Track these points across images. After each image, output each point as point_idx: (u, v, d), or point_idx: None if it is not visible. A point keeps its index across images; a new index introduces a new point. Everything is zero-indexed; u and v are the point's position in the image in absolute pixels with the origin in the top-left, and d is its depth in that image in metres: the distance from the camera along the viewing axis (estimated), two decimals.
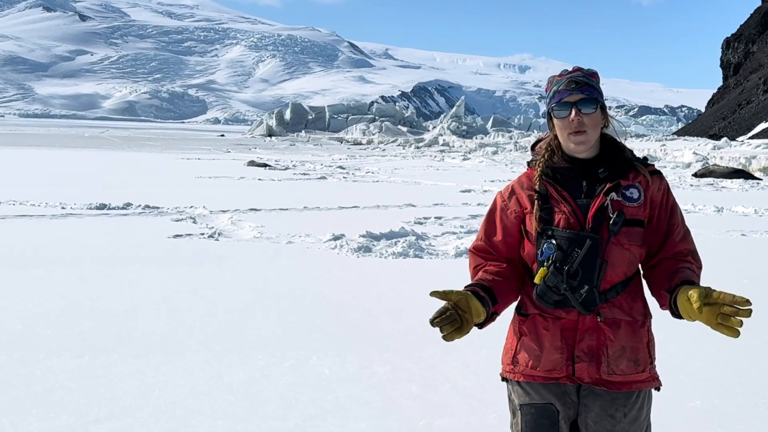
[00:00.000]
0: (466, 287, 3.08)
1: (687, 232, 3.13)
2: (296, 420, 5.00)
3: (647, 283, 3.11)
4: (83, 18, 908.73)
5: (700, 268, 3.09)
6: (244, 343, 6.67)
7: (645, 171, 3.08)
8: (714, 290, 2.74)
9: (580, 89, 3.00)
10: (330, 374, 5.92)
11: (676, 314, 2.89)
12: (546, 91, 3.15)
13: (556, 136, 3.12)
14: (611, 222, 2.92)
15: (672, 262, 3.02)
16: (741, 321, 2.67)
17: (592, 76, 3.06)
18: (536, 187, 3.09)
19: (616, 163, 3.06)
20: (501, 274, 3.12)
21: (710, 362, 6.39)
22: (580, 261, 2.90)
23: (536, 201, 3.06)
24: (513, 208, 3.16)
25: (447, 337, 2.91)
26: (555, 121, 3.06)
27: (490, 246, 3.21)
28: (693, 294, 2.74)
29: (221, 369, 5.98)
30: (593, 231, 2.94)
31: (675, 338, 6.52)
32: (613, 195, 2.96)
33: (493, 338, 6.93)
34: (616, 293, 2.99)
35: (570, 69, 3.11)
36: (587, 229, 2.95)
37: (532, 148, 3.26)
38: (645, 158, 3.15)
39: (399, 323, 7.50)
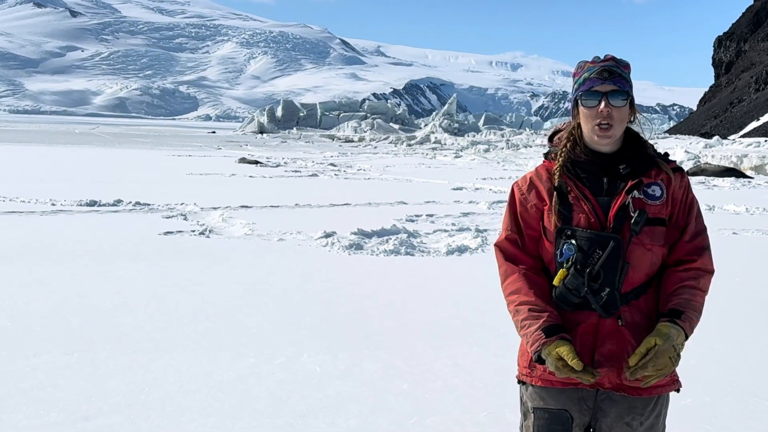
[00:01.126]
0: (553, 332, 2.88)
1: (702, 229, 3.00)
2: (286, 418, 4.98)
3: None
4: (74, 14, 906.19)
5: (707, 271, 2.95)
6: (234, 341, 6.65)
7: (667, 168, 2.97)
8: (654, 349, 2.77)
9: (613, 80, 2.87)
10: (321, 372, 5.90)
11: None
12: (574, 76, 3.00)
13: (578, 125, 2.99)
14: (633, 222, 2.82)
15: (675, 277, 2.92)
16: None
17: (625, 67, 2.94)
18: (555, 181, 2.97)
19: (638, 159, 2.95)
20: (546, 294, 2.98)
21: (701, 361, 6.39)
22: (602, 263, 2.80)
23: (555, 197, 2.94)
24: (533, 202, 3.04)
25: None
26: (581, 109, 2.93)
27: (521, 240, 3.06)
28: (640, 348, 2.80)
29: (211, 366, 5.95)
30: (614, 231, 2.83)
31: None
32: (635, 193, 2.87)
33: (485, 337, 6.94)
34: (637, 295, 2.89)
35: (602, 57, 2.95)
36: (608, 229, 2.84)
37: (550, 139, 3.14)
38: (666, 154, 3.06)
39: (390, 321, 7.48)
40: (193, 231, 13.12)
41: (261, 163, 37.44)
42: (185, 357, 6.17)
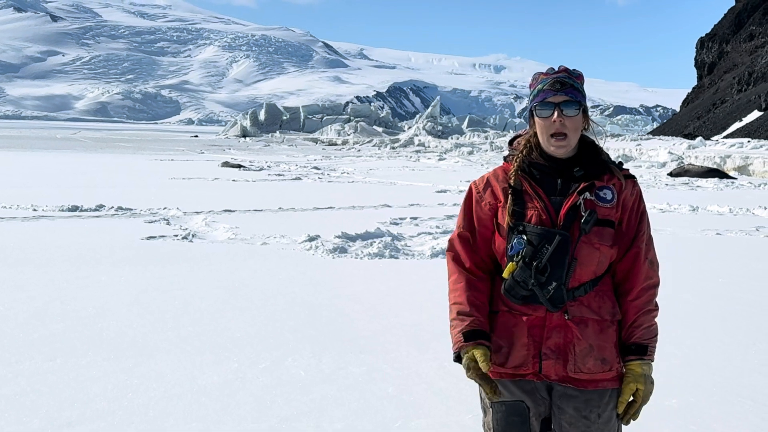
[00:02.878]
0: (472, 337, 3.04)
1: (650, 239, 3.16)
2: (271, 422, 4.96)
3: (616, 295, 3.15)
4: (54, 18, 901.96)
5: (657, 285, 3.13)
6: (218, 345, 6.62)
7: (620, 174, 3.11)
8: (638, 394, 3.03)
9: (565, 91, 3.01)
10: (305, 375, 5.88)
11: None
12: (530, 87, 3.14)
13: (535, 134, 3.12)
14: (583, 221, 2.94)
15: (633, 307, 3.08)
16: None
17: (578, 78, 3.08)
18: (511, 181, 3.09)
19: (592, 164, 3.08)
20: (485, 296, 3.13)
21: (685, 361, 6.41)
22: (548, 257, 2.92)
23: (510, 195, 3.06)
24: (488, 200, 3.16)
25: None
26: (536, 119, 3.06)
27: (471, 237, 3.19)
28: (624, 395, 3.04)
29: (195, 371, 5.92)
30: (564, 228, 2.96)
31: None
32: (587, 194, 2.99)
33: None
34: (585, 292, 3.01)
35: (556, 68, 3.09)
36: (559, 226, 2.96)
37: (510, 143, 3.26)
38: (621, 163, 3.18)
39: (374, 324, 7.47)
40: (176, 235, 13.07)
41: (244, 166, 37.39)
42: (168, 362, 6.13)
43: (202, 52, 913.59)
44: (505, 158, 3.24)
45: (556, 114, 2.98)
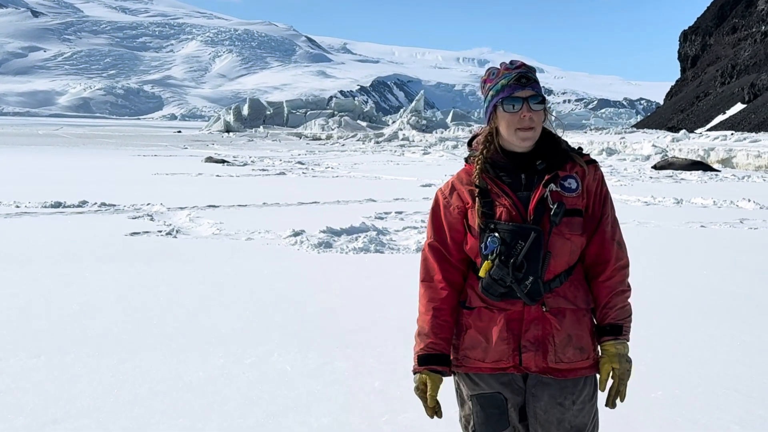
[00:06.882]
0: (425, 362, 3.20)
1: (615, 221, 3.22)
2: (257, 417, 4.95)
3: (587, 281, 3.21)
4: (36, 14, 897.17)
5: (627, 266, 3.20)
6: (204, 341, 6.60)
7: (581, 161, 3.15)
8: (615, 374, 3.09)
9: (530, 85, 3.05)
10: (291, 371, 5.87)
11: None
12: (486, 82, 3.15)
13: (493, 131, 3.14)
14: (552, 213, 2.98)
15: (605, 288, 3.15)
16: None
17: (535, 72, 3.13)
18: (476, 182, 3.12)
19: (553, 154, 3.13)
20: (447, 313, 3.19)
21: (670, 353, 6.43)
22: (524, 253, 2.96)
23: (477, 196, 3.09)
24: (455, 204, 3.20)
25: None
26: (503, 114, 3.06)
27: (442, 245, 3.22)
28: (602, 376, 3.11)
29: (180, 367, 5.90)
30: (535, 223, 3.00)
31: (635, 329, 6.54)
32: (552, 186, 3.03)
33: None
34: (560, 283, 3.06)
35: (514, 63, 3.12)
36: (529, 221, 3.00)
37: (469, 143, 3.30)
38: (580, 148, 3.23)
39: (360, 319, 7.46)
40: (160, 231, 13.01)
41: (228, 162, 37.27)
42: (154, 358, 6.11)
43: (185, 47, 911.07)
44: (466, 159, 3.27)
45: (525, 109, 3.02)
